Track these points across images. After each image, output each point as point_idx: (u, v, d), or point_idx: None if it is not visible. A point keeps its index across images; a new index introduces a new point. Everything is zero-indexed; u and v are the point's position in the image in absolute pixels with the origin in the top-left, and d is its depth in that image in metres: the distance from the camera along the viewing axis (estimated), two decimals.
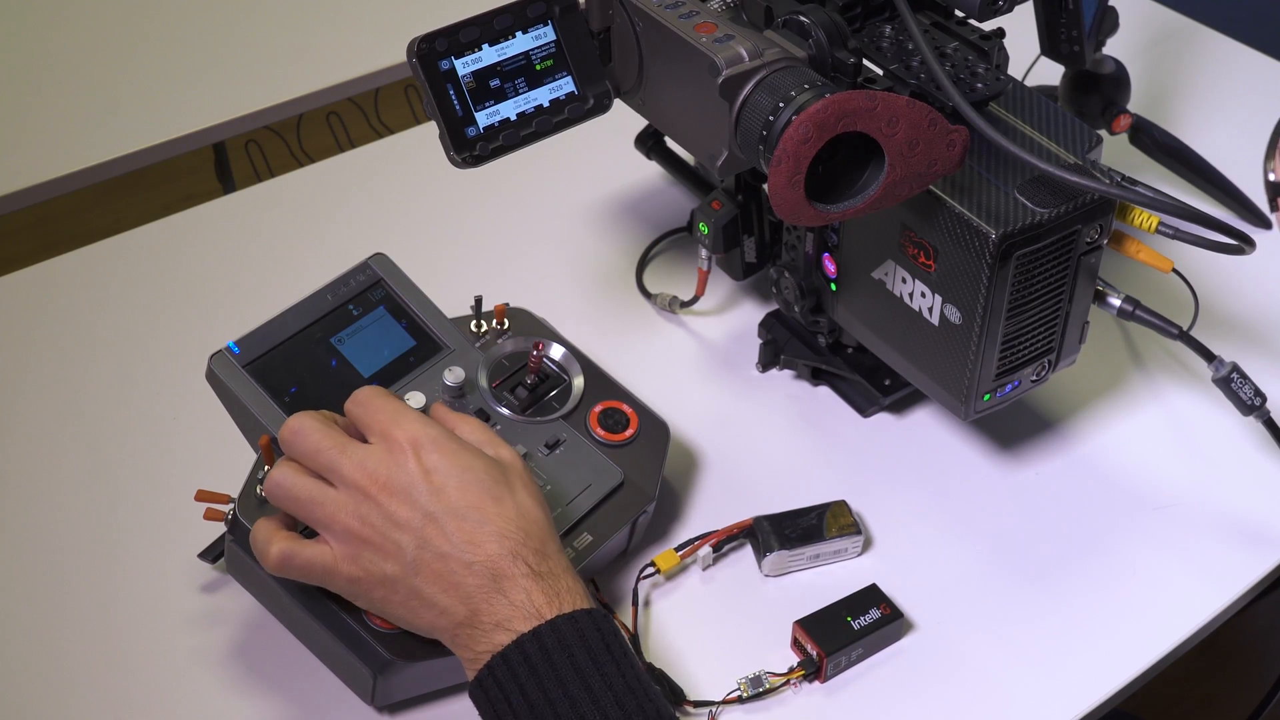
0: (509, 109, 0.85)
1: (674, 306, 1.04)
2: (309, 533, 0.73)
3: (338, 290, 0.84)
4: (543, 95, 0.86)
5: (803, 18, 0.82)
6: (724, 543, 0.87)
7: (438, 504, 0.70)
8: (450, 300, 0.88)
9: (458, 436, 0.74)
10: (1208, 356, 0.85)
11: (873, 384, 0.96)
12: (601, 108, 0.88)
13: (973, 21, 0.87)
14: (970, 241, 0.78)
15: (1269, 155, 0.68)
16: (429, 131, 1.17)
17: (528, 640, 0.68)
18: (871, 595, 0.83)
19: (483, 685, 0.68)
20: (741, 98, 0.78)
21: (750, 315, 1.04)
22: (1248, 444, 0.95)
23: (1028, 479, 0.93)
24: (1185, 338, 0.85)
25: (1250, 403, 0.85)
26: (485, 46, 0.84)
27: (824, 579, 0.86)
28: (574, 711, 0.66)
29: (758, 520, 0.86)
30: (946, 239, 0.80)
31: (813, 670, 0.80)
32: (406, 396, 0.80)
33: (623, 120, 0.96)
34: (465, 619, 0.69)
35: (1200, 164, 1.15)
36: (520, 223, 1.14)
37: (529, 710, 0.67)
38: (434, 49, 0.82)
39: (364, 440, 0.73)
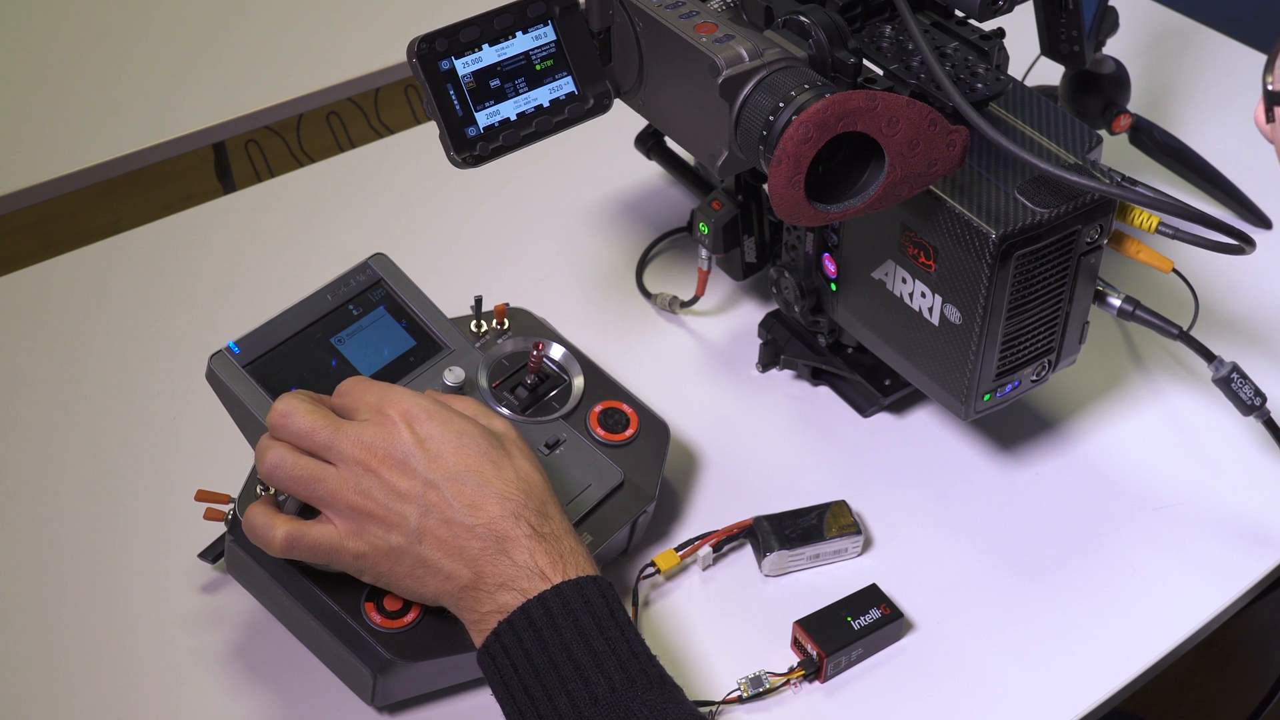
0: (509, 109, 0.85)
1: (674, 306, 1.04)
2: (306, 513, 0.73)
3: (338, 290, 0.84)
4: (543, 95, 0.86)
5: (803, 18, 0.82)
6: (724, 543, 0.87)
7: (436, 471, 0.71)
8: (450, 300, 0.88)
9: (450, 407, 0.74)
10: (1208, 356, 0.85)
11: (873, 384, 0.96)
12: (601, 108, 0.88)
13: (973, 21, 0.87)
14: (970, 241, 0.78)
15: (1268, 68, 0.70)
16: (429, 131, 1.17)
17: (534, 606, 0.68)
18: (871, 595, 0.83)
19: (489, 651, 0.69)
20: (741, 98, 0.78)
21: (750, 315, 1.04)
22: (1248, 444, 0.95)
23: (1028, 479, 0.93)
24: (1185, 338, 0.85)
25: (1250, 403, 0.85)
26: (485, 46, 0.84)
27: (824, 579, 0.86)
28: (579, 675, 0.67)
29: (758, 520, 0.86)
30: (946, 239, 0.80)
31: (813, 670, 0.80)
32: None
33: (623, 120, 0.96)
34: (470, 582, 0.70)
35: (1200, 164, 1.15)
36: (520, 223, 1.14)
37: (535, 675, 0.67)
38: (434, 49, 0.82)
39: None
